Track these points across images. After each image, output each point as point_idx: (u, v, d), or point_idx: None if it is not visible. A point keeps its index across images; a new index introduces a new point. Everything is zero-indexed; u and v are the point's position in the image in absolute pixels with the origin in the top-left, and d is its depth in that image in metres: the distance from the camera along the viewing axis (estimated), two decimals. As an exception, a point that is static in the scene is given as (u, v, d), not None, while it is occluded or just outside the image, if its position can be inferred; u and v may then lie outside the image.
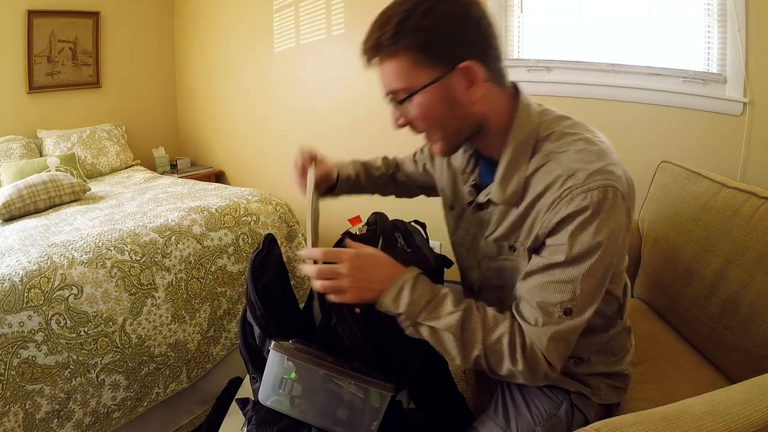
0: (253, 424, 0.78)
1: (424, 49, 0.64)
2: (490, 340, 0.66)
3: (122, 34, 3.11)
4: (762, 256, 0.95)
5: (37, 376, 1.14)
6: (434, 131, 0.72)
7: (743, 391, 0.61)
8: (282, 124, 2.81)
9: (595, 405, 0.82)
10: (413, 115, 0.69)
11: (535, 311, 0.66)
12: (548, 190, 0.66)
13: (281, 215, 1.80)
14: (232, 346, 1.58)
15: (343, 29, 2.37)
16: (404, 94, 0.68)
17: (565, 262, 0.63)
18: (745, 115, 1.37)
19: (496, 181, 0.72)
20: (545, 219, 0.65)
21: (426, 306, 0.68)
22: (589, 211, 0.61)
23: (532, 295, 0.66)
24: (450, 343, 0.67)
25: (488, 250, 0.78)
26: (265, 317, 0.82)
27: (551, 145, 0.68)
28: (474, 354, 0.67)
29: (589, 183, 0.62)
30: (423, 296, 0.68)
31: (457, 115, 0.69)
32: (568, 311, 0.64)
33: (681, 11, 1.51)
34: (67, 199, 1.98)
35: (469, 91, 0.67)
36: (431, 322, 0.68)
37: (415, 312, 0.68)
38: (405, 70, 0.66)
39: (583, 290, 0.64)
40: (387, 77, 0.68)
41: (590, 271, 0.63)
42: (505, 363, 0.66)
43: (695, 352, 1.10)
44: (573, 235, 0.62)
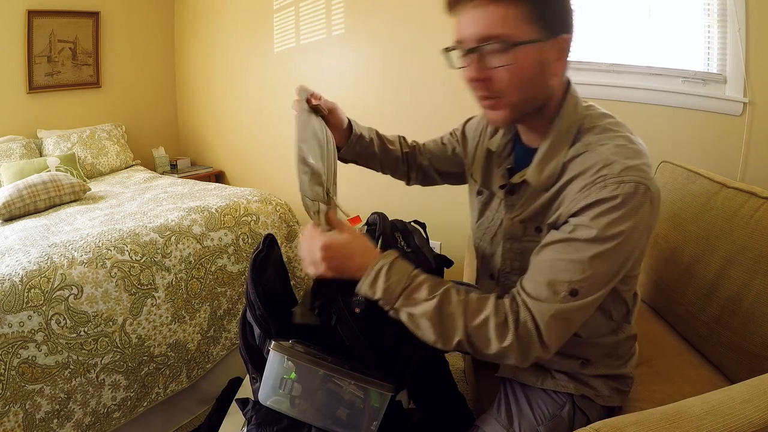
0: (253, 424, 0.78)
1: (540, 7, 0.64)
2: (473, 323, 0.66)
3: (122, 34, 3.11)
4: (762, 256, 0.95)
5: (37, 376, 1.14)
6: (511, 92, 0.68)
7: (743, 391, 0.61)
8: (282, 124, 2.81)
9: (597, 407, 0.82)
10: (502, 68, 0.65)
11: (540, 287, 0.65)
12: (581, 174, 0.67)
13: (281, 215, 1.80)
14: (232, 346, 1.58)
15: (343, 29, 2.37)
16: (503, 44, 0.64)
17: (582, 240, 0.64)
18: (745, 115, 1.37)
19: (534, 163, 0.73)
20: (573, 200, 0.66)
21: (402, 292, 0.68)
22: (618, 200, 0.62)
23: (542, 270, 0.66)
24: (428, 329, 0.67)
25: (514, 230, 0.79)
26: (265, 317, 0.82)
27: (593, 137, 0.69)
28: (455, 339, 0.66)
29: (623, 176, 0.63)
30: (399, 282, 0.68)
31: (538, 84, 0.68)
32: (574, 292, 0.64)
33: (681, 11, 1.51)
34: (67, 199, 1.98)
35: (557, 63, 0.68)
36: (408, 309, 0.68)
37: (391, 298, 0.68)
38: (515, 19, 0.63)
39: (593, 274, 0.63)
40: (490, 20, 0.64)
41: (604, 257, 0.63)
42: (492, 343, 0.65)
43: (695, 352, 1.10)
44: (596, 218, 0.63)
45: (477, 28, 0.65)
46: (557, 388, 0.82)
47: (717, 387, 0.71)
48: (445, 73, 2.32)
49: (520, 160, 0.81)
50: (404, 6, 2.12)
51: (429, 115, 2.14)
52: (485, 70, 0.66)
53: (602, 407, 0.83)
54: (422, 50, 2.10)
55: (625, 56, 1.62)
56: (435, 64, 2.11)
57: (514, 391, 0.86)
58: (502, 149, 0.85)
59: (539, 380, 0.83)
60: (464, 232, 1.46)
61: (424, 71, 2.12)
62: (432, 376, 0.99)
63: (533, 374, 0.84)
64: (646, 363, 1.02)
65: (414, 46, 2.13)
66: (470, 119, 1.01)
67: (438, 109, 2.11)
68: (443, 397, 1.01)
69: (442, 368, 1.05)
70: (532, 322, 0.64)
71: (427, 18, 2.05)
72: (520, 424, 0.80)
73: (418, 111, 2.18)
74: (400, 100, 2.24)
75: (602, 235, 0.62)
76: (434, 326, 0.66)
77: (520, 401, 0.83)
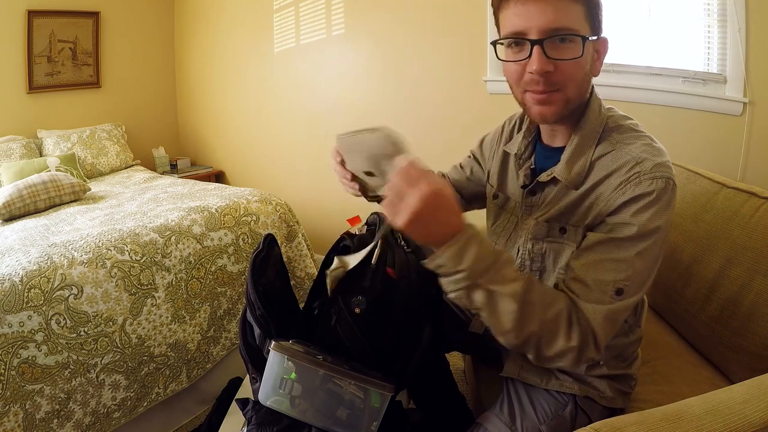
0: (253, 424, 0.78)
1: (592, 8, 0.67)
2: (547, 315, 0.63)
3: (122, 34, 3.11)
4: (762, 256, 0.95)
5: (37, 376, 1.14)
6: (571, 85, 0.69)
7: (743, 391, 0.61)
8: (282, 124, 2.81)
9: (599, 407, 0.83)
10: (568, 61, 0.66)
11: (589, 288, 0.65)
12: (615, 173, 0.69)
13: (281, 215, 1.80)
14: (232, 346, 1.58)
15: (343, 29, 2.37)
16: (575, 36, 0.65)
17: (624, 239, 0.65)
18: (745, 115, 1.37)
19: (563, 161, 0.74)
20: (610, 198, 0.68)
21: (492, 265, 0.60)
22: (653, 196, 0.65)
23: (587, 271, 0.66)
24: (508, 312, 0.61)
25: (537, 230, 0.79)
26: (265, 317, 0.82)
27: (619, 135, 0.72)
28: (529, 329, 0.62)
29: (655, 172, 0.65)
30: (489, 254, 0.61)
31: (587, 81, 0.71)
32: (620, 291, 0.65)
33: (681, 11, 1.51)
34: (67, 199, 1.98)
35: (596, 64, 0.71)
36: (493, 286, 0.61)
37: (478, 271, 0.60)
38: (580, 16, 0.66)
39: (636, 272, 0.65)
40: (560, 14, 0.64)
41: (646, 253, 0.65)
42: (559, 340, 0.62)
43: (695, 352, 1.10)
44: (635, 214, 0.65)
45: (546, 20, 0.64)
46: (561, 388, 0.82)
47: (717, 387, 0.71)
48: (445, 73, 2.32)
49: (541, 161, 0.83)
50: (404, 6, 2.12)
51: (429, 115, 2.14)
52: (551, 61, 0.66)
53: (604, 408, 0.83)
54: (422, 50, 2.10)
55: (624, 56, 1.62)
56: (435, 63, 2.11)
57: (516, 391, 0.86)
58: (523, 151, 0.86)
59: (543, 381, 0.84)
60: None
61: (424, 71, 2.12)
62: (432, 376, 0.99)
63: (537, 375, 0.84)
64: (646, 363, 1.02)
65: (414, 46, 2.13)
66: (485, 136, 1.03)
67: (438, 109, 2.11)
68: (443, 397, 1.01)
69: (442, 368, 1.05)
70: (588, 324, 0.64)
71: (427, 18, 2.05)
72: (522, 423, 0.80)
73: (418, 111, 2.18)
74: (400, 100, 2.24)
75: (642, 231, 0.64)
76: (517, 310, 0.61)
77: (522, 400, 0.84)
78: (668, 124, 1.53)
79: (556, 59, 0.66)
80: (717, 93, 1.44)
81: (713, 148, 1.46)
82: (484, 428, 0.82)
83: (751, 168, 1.37)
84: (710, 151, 1.46)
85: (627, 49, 1.63)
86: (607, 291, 0.65)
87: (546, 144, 0.81)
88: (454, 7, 1.95)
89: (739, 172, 1.39)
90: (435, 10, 2.02)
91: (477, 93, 1.94)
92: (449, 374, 1.05)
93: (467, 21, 1.92)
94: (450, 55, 2.01)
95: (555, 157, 0.77)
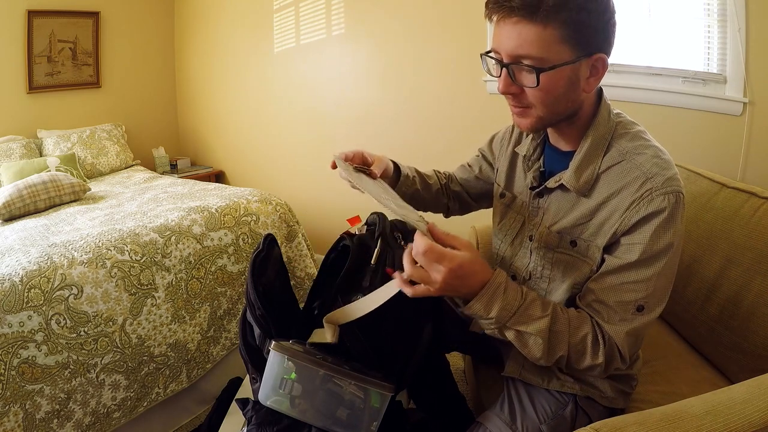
0: (253, 424, 0.78)
1: (575, 29, 0.64)
2: (575, 339, 0.69)
3: (122, 34, 3.11)
4: (762, 256, 0.95)
5: (37, 376, 1.14)
6: (539, 106, 0.70)
7: (743, 391, 0.61)
8: (282, 124, 2.81)
9: (599, 408, 0.83)
10: (532, 86, 0.67)
11: (611, 310, 0.70)
12: (625, 189, 0.69)
13: (281, 215, 1.80)
14: (232, 346, 1.58)
15: (343, 29, 2.37)
16: (535, 64, 0.65)
17: (639, 261, 0.68)
18: (745, 115, 1.37)
19: (572, 169, 0.75)
20: (624, 217, 0.69)
21: (517, 310, 0.68)
22: (666, 213, 0.66)
23: (608, 295, 0.70)
24: (536, 346, 0.68)
25: (549, 240, 0.80)
26: (264, 317, 0.82)
27: (627, 144, 0.72)
28: (558, 354, 0.69)
29: (666, 187, 0.67)
30: (514, 301, 0.68)
31: (569, 98, 0.70)
32: (641, 308, 0.69)
33: (681, 11, 1.51)
34: (67, 199, 1.98)
35: (589, 80, 0.70)
36: (520, 327, 0.68)
37: (505, 317, 0.68)
38: (549, 41, 0.64)
39: (656, 288, 0.69)
40: (523, 40, 0.64)
41: (663, 271, 0.68)
42: (586, 359, 0.69)
43: (695, 352, 1.10)
44: (651, 237, 0.67)
45: (512, 46, 0.66)
46: (563, 388, 0.82)
47: (717, 387, 0.71)
48: (445, 74, 2.32)
49: (549, 163, 0.84)
50: (404, 6, 2.12)
51: (428, 116, 2.14)
52: (515, 85, 0.69)
53: (604, 408, 0.83)
54: (422, 50, 2.10)
55: (624, 56, 1.62)
56: (435, 64, 2.11)
57: (517, 390, 0.86)
58: (531, 152, 0.86)
59: (544, 381, 0.84)
60: (464, 233, 1.46)
61: (424, 71, 2.12)
62: (432, 376, 0.99)
63: (538, 375, 0.85)
64: (646, 363, 1.02)
65: (414, 46, 2.13)
66: (495, 134, 1.04)
67: (437, 109, 2.11)
68: (443, 397, 1.01)
69: (442, 368, 1.05)
70: (612, 343, 0.69)
71: (427, 18, 2.05)
72: (522, 422, 0.81)
73: (417, 111, 2.18)
74: (399, 100, 2.24)
75: (657, 251, 0.67)
76: (545, 343, 0.68)
77: (523, 400, 0.84)
78: (668, 124, 1.53)
79: (520, 84, 0.68)
80: (717, 93, 1.44)
81: (713, 148, 1.46)
82: (484, 427, 0.82)
83: (751, 168, 1.37)
84: (710, 151, 1.46)
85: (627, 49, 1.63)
86: (628, 310, 0.69)
87: (554, 146, 0.82)
88: (454, 8, 1.95)
89: (739, 172, 1.38)
90: (435, 11, 2.02)
91: (477, 93, 1.94)
92: (449, 374, 1.05)
93: (467, 21, 1.92)
94: (450, 55, 2.01)
95: (564, 160, 0.78)
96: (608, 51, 0.69)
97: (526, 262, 0.84)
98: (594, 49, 0.66)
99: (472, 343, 1.07)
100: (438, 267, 0.62)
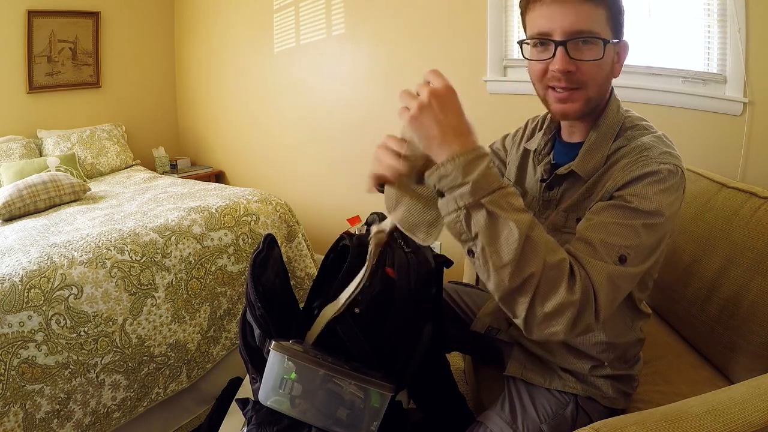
0: (253, 424, 0.78)
1: (615, 12, 0.70)
2: (552, 259, 0.58)
3: (122, 34, 3.11)
4: (762, 256, 0.95)
5: (37, 376, 1.14)
6: (592, 85, 0.72)
7: (743, 391, 0.61)
8: (282, 124, 2.81)
9: (600, 408, 0.83)
10: (590, 62, 0.69)
11: (593, 246, 0.63)
12: (623, 158, 0.71)
13: (281, 215, 1.80)
14: (232, 346, 1.58)
15: (343, 29, 2.37)
16: (597, 39, 0.69)
17: (630, 207, 0.65)
18: (745, 115, 1.37)
19: (581, 155, 0.77)
20: (617, 177, 0.69)
21: (498, 189, 0.57)
22: (662, 175, 0.66)
23: (593, 232, 0.64)
24: (510, 241, 0.56)
25: (556, 221, 0.80)
26: (264, 318, 0.82)
27: (634, 132, 0.75)
28: (529, 269, 0.56)
29: (663, 158, 0.68)
30: (497, 178, 0.58)
31: (608, 80, 0.74)
32: (623, 258, 0.63)
33: (681, 11, 1.51)
34: (67, 199, 1.98)
35: (616, 66, 0.74)
36: (497, 209, 0.56)
37: (484, 187, 0.56)
38: (601, 20, 0.69)
39: (641, 242, 0.64)
40: (583, 16, 0.68)
41: (652, 228, 0.65)
42: (560, 290, 0.57)
43: (695, 352, 1.10)
44: (644, 187, 0.66)
45: (570, 22, 0.68)
46: (564, 388, 0.83)
47: (717, 387, 0.71)
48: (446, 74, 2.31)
49: (559, 156, 0.85)
50: (404, 6, 2.12)
51: (429, 115, 2.14)
52: (573, 62, 0.70)
53: (605, 408, 0.83)
54: (422, 50, 2.10)
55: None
56: (435, 63, 2.11)
57: (518, 390, 0.86)
58: (543, 147, 0.87)
59: (546, 380, 0.84)
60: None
61: (424, 71, 2.11)
62: (432, 376, 0.99)
63: (540, 374, 0.85)
64: (646, 363, 1.02)
65: (414, 46, 2.13)
66: (507, 134, 1.04)
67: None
68: (443, 397, 1.01)
69: (442, 368, 1.05)
70: (589, 282, 0.60)
71: (427, 18, 2.05)
72: (523, 422, 0.81)
73: (418, 111, 2.18)
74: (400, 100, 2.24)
75: (649, 205, 0.65)
76: (519, 241, 0.55)
77: (524, 399, 0.84)
78: (668, 124, 1.52)
79: (578, 60, 0.69)
80: (717, 93, 1.44)
81: (713, 148, 1.46)
82: (485, 427, 0.82)
83: (751, 168, 1.37)
84: (710, 151, 1.46)
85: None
86: (611, 254, 0.62)
87: (565, 140, 0.84)
88: (454, 8, 1.95)
89: (739, 172, 1.38)
90: (435, 10, 2.02)
91: (477, 93, 1.94)
92: (449, 374, 1.06)
93: (467, 21, 1.92)
94: (450, 55, 2.00)
95: (573, 152, 0.79)
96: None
97: None
98: (622, 34, 0.72)
99: (472, 343, 1.07)
100: (435, 81, 0.61)
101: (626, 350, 0.84)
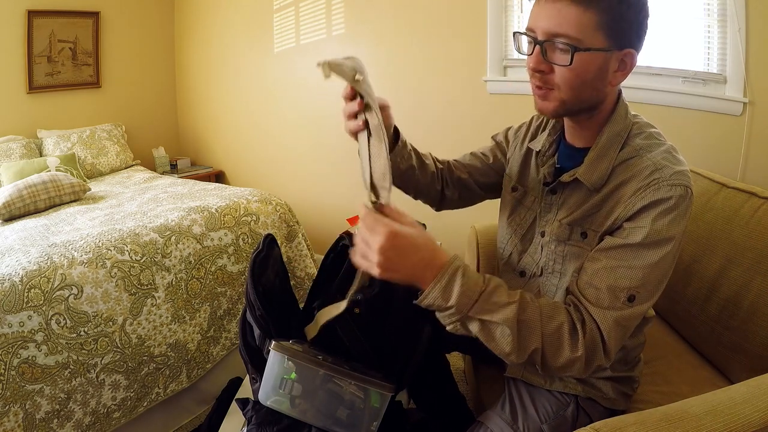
0: (253, 424, 0.78)
1: (612, 19, 0.65)
2: (549, 329, 0.63)
3: (122, 34, 3.11)
4: (762, 256, 0.95)
5: (37, 376, 1.14)
6: (565, 89, 0.69)
7: (743, 391, 0.61)
8: (282, 124, 2.81)
9: (600, 408, 0.83)
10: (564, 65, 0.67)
11: (601, 293, 0.66)
12: (634, 178, 0.69)
13: (281, 215, 1.80)
14: (232, 346, 1.58)
15: (343, 29, 2.37)
16: (570, 44, 0.65)
17: (639, 245, 0.65)
18: (745, 115, 1.37)
19: (586, 163, 0.75)
20: (628, 203, 0.68)
21: (479, 297, 0.61)
22: (672, 202, 0.65)
23: (600, 277, 0.67)
24: (504, 338, 0.62)
25: (560, 233, 0.79)
26: (264, 318, 0.82)
27: (641, 141, 0.73)
28: (531, 347, 0.62)
29: (674, 180, 0.66)
30: (476, 286, 0.62)
31: (594, 87, 0.70)
32: (632, 298, 0.65)
33: (681, 11, 1.51)
34: (67, 199, 1.98)
35: (616, 74, 0.70)
36: (484, 316, 0.61)
37: (467, 304, 0.61)
38: (586, 25, 0.65)
39: (650, 279, 0.66)
40: (562, 19, 0.65)
41: (660, 261, 0.65)
42: (564, 352, 0.63)
43: (695, 352, 1.10)
44: (653, 221, 0.65)
45: (549, 23, 0.66)
46: (565, 389, 0.83)
47: (717, 387, 0.71)
48: (446, 73, 2.32)
49: (563, 159, 0.83)
50: (404, 6, 2.12)
51: (429, 115, 2.14)
52: (546, 63, 0.68)
53: (605, 409, 0.83)
54: (422, 50, 2.10)
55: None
56: (435, 63, 2.11)
57: (518, 390, 0.86)
58: (547, 148, 0.86)
59: (547, 381, 0.84)
60: (464, 233, 1.46)
61: (424, 71, 2.12)
62: (432, 376, 0.99)
63: (540, 375, 0.85)
64: (646, 364, 1.03)
65: (414, 46, 2.13)
66: (510, 126, 1.03)
67: (438, 109, 2.11)
68: (443, 397, 1.01)
69: (442, 368, 1.05)
70: (597, 331, 0.64)
71: (427, 18, 2.05)
72: (523, 422, 0.81)
73: (418, 111, 2.18)
74: (400, 100, 2.24)
75: (658, 237, 0.65)
76: (513, 334, 0.61)
77: (524, 400, 0.84)
78: (668, 124, 1.52)
79: (551, 62, 0.68)
80: (717, 93, 1.44)
81: (713, 148, 1.46)
82: (485, 427, 0.82)
83: (751, 168, 1.37)
84: (710, 151, 1.46)
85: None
86: (619, 297, 0.65)
87: (569, 143, 0.82)
88: (454, 8, 1.95)
89: (739, 172, 1.38)
90: (435, 10, 2.02)
91: (477, 93, 1.94)
92: (449, 374, 1.06)
93: (467, 21, 1.91)
94: (450, 55, 2.00)
95: (578, 157, 0.78)
96: (638, 48, 0.69)
97: (537, 258, 0.84)
98: (626, 43, 0.67)
99: (472, 343, 1.07)
100: (375, 237, 0.58)
101: (628, 353, 0.84)
